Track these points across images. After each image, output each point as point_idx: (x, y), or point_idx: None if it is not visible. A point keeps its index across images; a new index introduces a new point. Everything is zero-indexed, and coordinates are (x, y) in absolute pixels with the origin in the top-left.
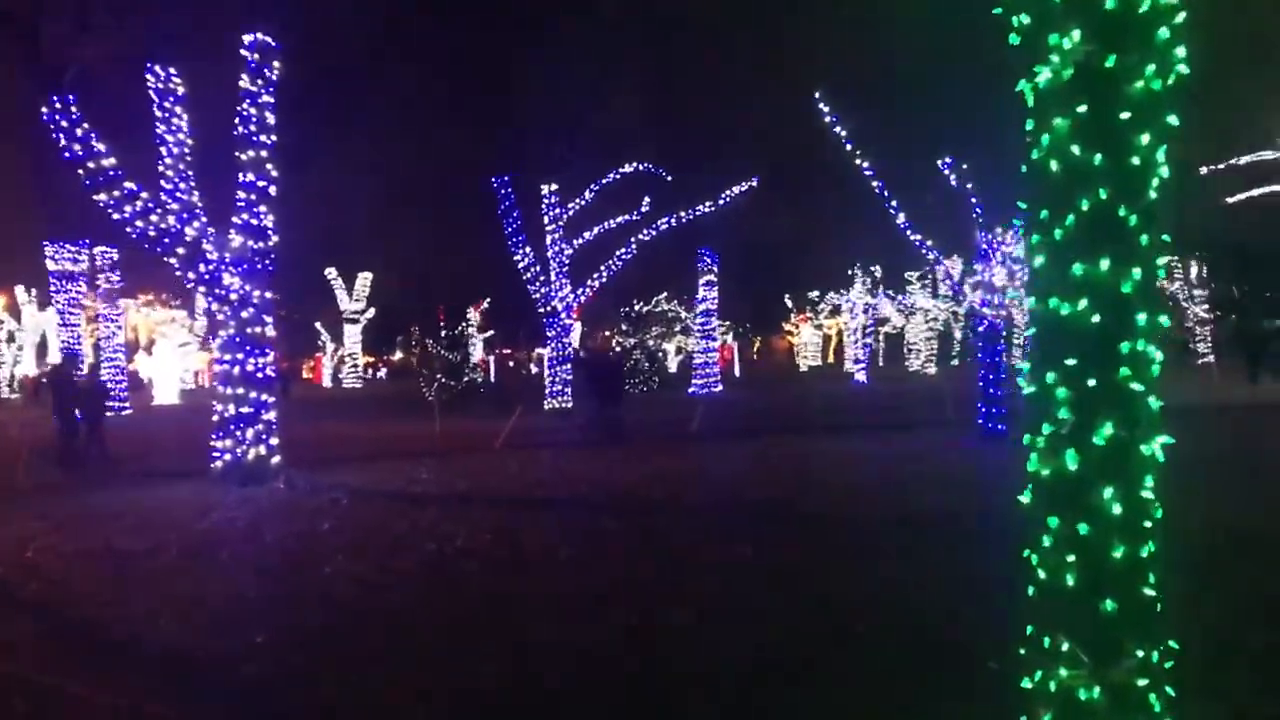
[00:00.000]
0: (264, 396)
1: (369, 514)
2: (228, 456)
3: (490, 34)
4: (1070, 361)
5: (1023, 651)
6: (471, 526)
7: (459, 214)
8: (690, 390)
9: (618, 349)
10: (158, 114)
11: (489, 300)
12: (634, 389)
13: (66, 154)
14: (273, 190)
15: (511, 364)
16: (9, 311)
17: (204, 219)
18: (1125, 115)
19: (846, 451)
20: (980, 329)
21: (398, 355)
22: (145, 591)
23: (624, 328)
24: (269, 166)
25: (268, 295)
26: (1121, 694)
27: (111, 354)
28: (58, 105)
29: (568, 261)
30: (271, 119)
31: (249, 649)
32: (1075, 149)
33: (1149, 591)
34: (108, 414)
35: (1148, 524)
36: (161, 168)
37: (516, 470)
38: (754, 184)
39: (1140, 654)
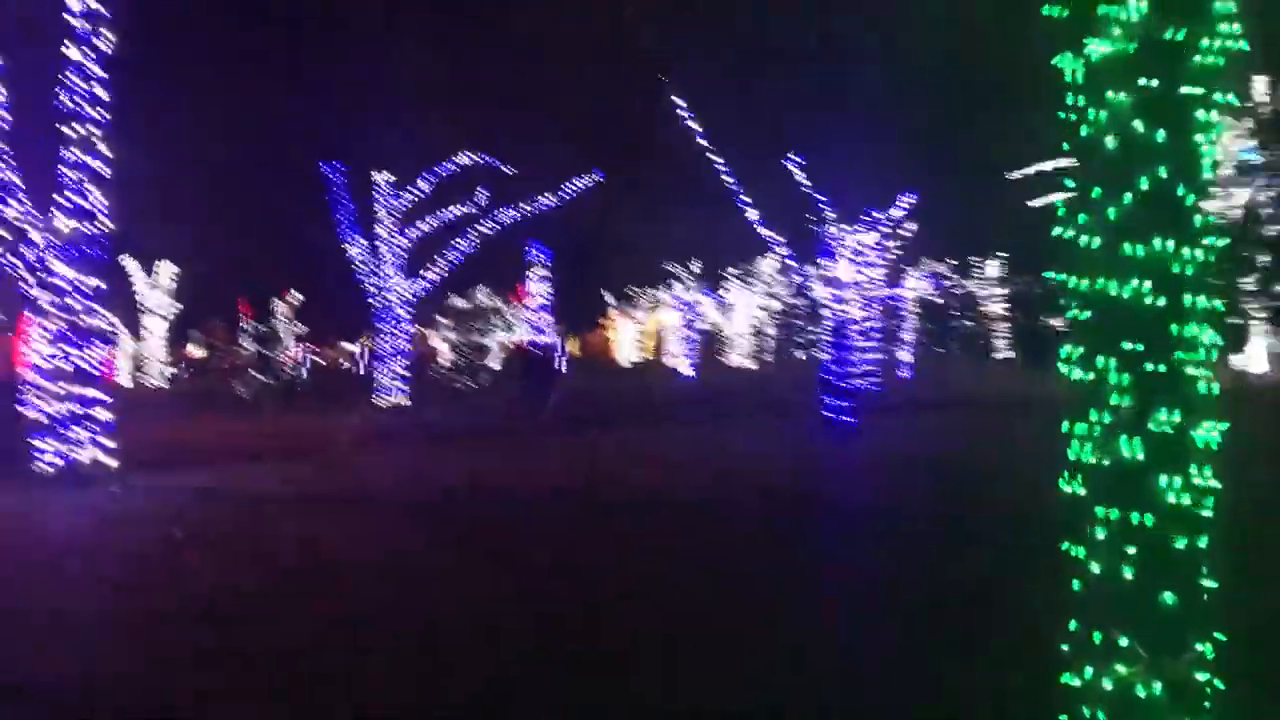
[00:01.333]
0: (96, 394)
1: (222, 519)
2: (51, 457)
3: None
4: (1126, 346)
5: (1066, 648)
6: (334, 531)
7: (270, 199)
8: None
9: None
10: None
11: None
12: (462, 386)
13: None
14: (106, 171)
15: (324, 359)
16: None
17: (26, 201)
18: (1187, 90)
19: (702, 440)
20: (826, 323)
21: (199, 351)
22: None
23: (444, 322)
24: (100, 145)
25: (99, 284)
26: (1180, 688)
27: None
28: None
29: (404, 253)
30: (104, 93)
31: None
32: (1137, 125)
33: (1208, 582)
34: None
35: (1206, 513)
36: None
37: (370, 471)
38: (599, 178)
39: (1199, 647)
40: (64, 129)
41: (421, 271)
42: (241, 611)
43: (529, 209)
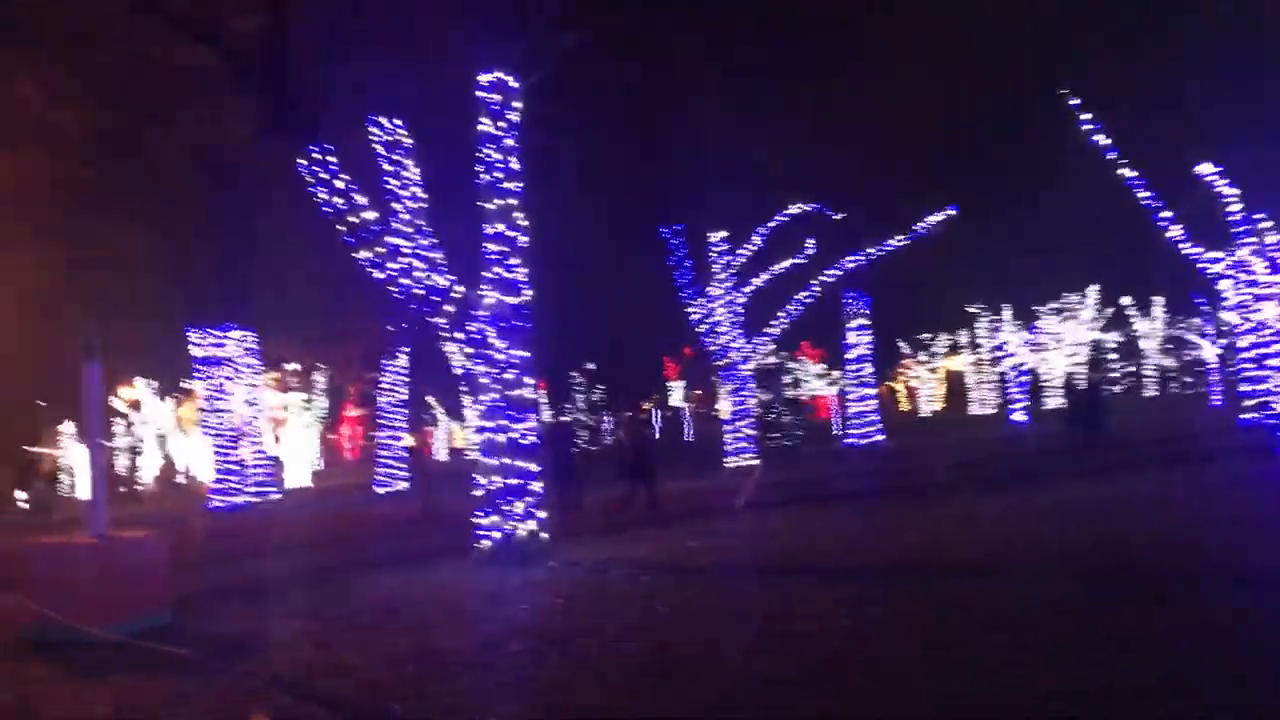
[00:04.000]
0: (530, 466)
1: (684, 593)
2: (496, 534)
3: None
4: None
5: None
6: (818, 603)
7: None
8: (847, 442)
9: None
10: (387, 168)
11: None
12: (780, 443)
13: (326, 208)
14: (523, 240)
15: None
16: (131, 404)
17: (452, 276)
18: None
19: (1128, 495)
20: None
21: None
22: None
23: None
24: (517, 215)
25: (525, 354)
26: None
27: (255, 437)
28: (315, 156)
29: (742, 311)
30: (516, 164)
31: None
32: None
33: None
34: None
35: None
36: (397, 224)
37: (785, 533)
38: (952, 213)
39: None
40: (484, 203)
41: (764, 329)
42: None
43: (873, 252)
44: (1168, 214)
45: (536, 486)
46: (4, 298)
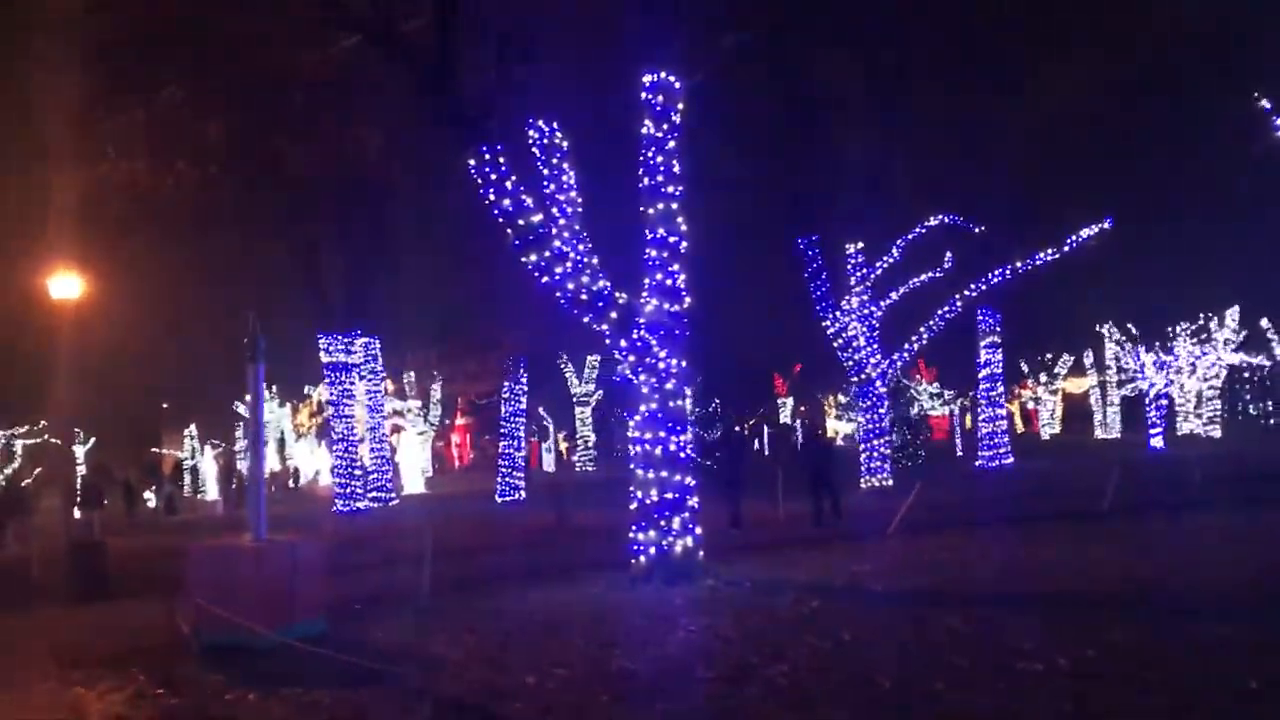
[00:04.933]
0: (687, 480)
1: (866, 620)
2: (651, 549)
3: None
4: None
5: None
6: (1025, 635)
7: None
8: (977, 463)
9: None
10: (544, 172)
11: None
12: (906, 463)
13: (495, 210)
14: (684, 246)
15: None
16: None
17: (609, 282)
18: None
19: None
20: None
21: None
22: None
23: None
24: (679, 220)
25: (684, 364)
26: None
27: (377, 443)
28: (486, 156)
29: (877, 325)
30: (678, 167)
31: None
32: None
33: None
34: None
35: None
36: (554, 229)
37: (953, 559)
38: (1107, 225)
39: None
40: (646, 208)
41: (902, 344)
42: None
43: (1021, 266)
44: None
45: (694, 501)
46: (133, 301)
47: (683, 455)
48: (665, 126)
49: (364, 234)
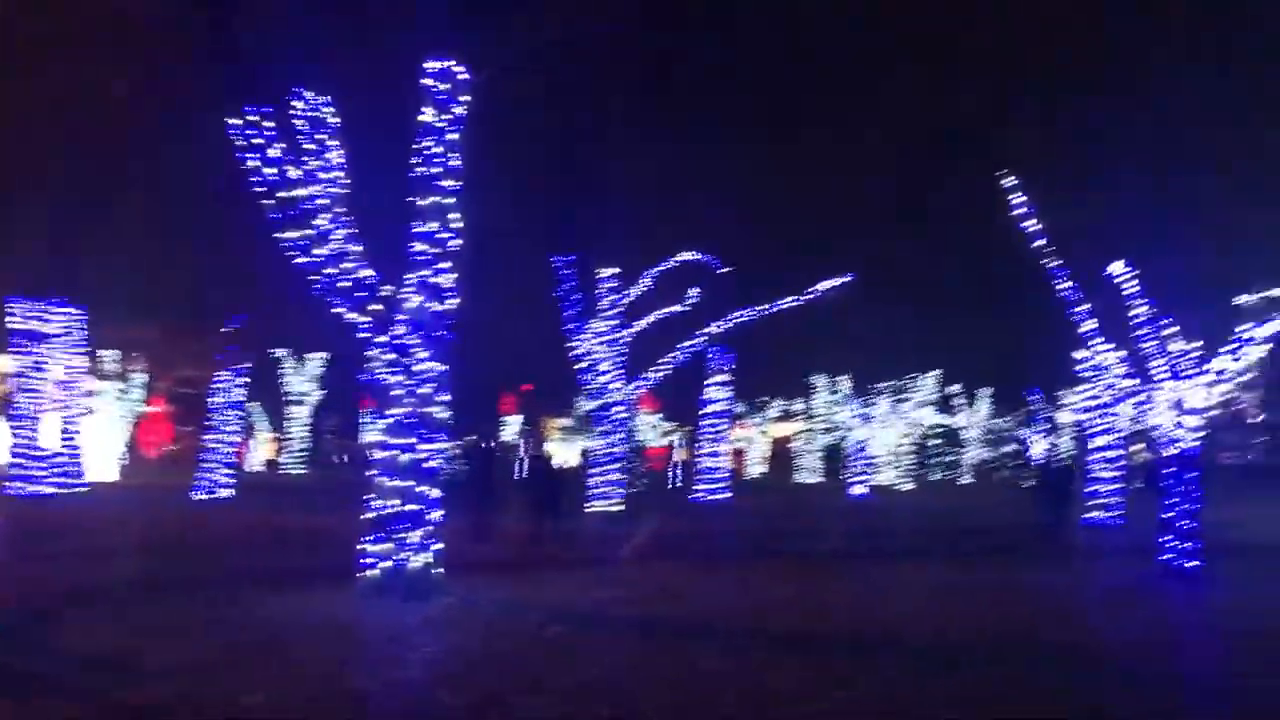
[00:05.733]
0: (432, 492)
1: (611, 648)
2: (389, 563)
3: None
4: None
5: None
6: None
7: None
8: (693, 497)
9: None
10: (309, 148)
11: None
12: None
13: (255, 179)
14: (455, 244)
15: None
16: None
17: (375, 272)
18: None
19: (991, 581)
20: (1167, 452)
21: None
22: None
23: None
24: (452, 216)
25: (444, 368)
26: None
27: (69, 423)
28: (250, 118)
29: (624, 351)
30: (457, 160)
31: None
32: None
33: None
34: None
35: None
36: (318, 207)
37: (698, 590)
38: (849, 279)
39: None
40: (418, 200)
41: (647, 373)
42: None
43: (765, 309)
44: (1084, 307)
45: (437, 514)
46: None
47: (430, 465)
48: (447, 117)
49: (71, 191)
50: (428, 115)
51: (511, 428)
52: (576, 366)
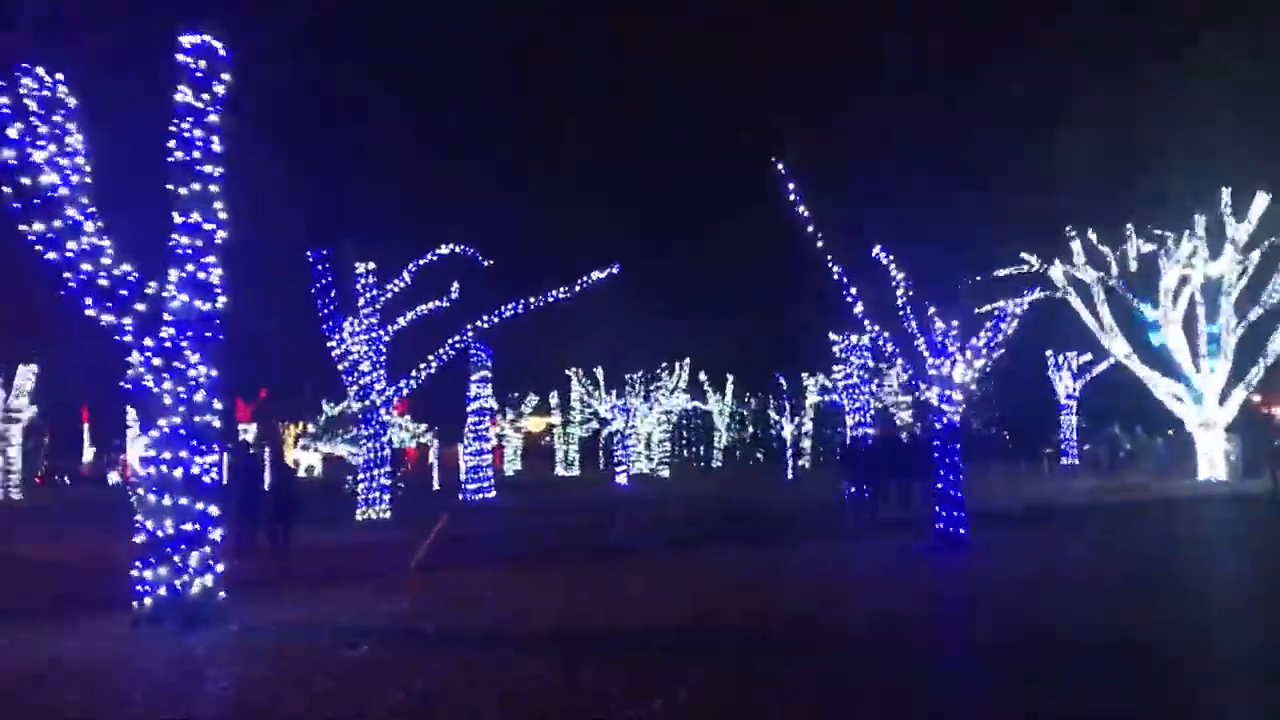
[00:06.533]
0: (210, 509)
1: (424, 665)
2: (163, 590)
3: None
4: None
5: None
6: (614, 683)
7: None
8: (462, 496)
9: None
10: (45, 130)
11: None
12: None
13: None
14: (221, 235)
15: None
16: None
17: (136, 270)
18: None
19: (785, 563)
20: (938, 426)
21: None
22: None
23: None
24: (216, 205)
25: (215, 373)
26: None
27: None
28: None
29: (384, 350)
30: (219, 145)
31: None
32: None
33: None
34: None
35: None
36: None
37: (506, 598)
38: (615, 270)
39: None
40: (177, 188)
41: (412, 372)
42: None
43: (532, 302)
44: (854, 291)
45: (216, 534)
46: None
47: (207, 480)
48: (206, 97)
49: None
50: (185, 94)
51: (247, 434)
52: (339, 367)
